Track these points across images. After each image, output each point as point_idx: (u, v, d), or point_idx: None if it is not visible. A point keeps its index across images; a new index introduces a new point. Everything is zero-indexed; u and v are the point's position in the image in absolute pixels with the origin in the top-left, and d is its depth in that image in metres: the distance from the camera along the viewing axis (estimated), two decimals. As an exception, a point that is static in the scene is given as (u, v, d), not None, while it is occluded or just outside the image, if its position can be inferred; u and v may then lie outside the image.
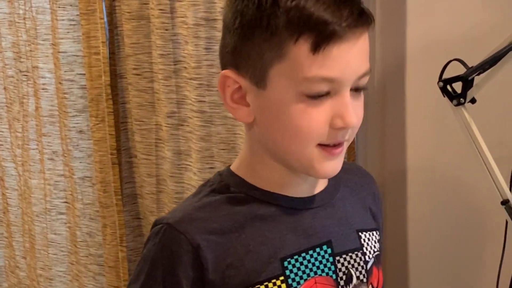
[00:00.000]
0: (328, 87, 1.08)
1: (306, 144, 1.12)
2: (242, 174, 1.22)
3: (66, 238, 2.80)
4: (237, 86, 1.15)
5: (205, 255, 1.14)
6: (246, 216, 1.18)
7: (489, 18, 2.04)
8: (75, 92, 2.58)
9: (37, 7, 2.60)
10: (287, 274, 1.16)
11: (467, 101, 1.69)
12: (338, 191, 1.28)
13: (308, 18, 1.05)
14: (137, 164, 2.60)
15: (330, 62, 1.06)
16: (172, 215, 1.20)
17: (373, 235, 1.31)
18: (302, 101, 1.09)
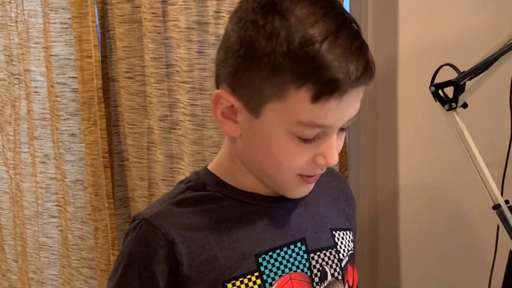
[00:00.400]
0: (319, 131, 1.10)
1: (284, 173, 1.16)
2: (219, 173, 1.25)
3: (57, 241, 2.80)
4: (230, 105, 1.15)
5: (180, 250, 1.16)
6: (221, 214, 1.20)
7: (481, 23, 2.05)
8: (67, 95, 2.58)
9: (29, 10, 2.59)
10: (262, 270, 1.18)
11: (458, 106, 1.69)
12: (312, 190, 1.30)
13: (314, 69, 1.05)
14: (129, 168, 2.59)
15: (325, 113, 1.08)
16: (149, 211, 1.22)
17: (346, 234, 1.34)
18: (291, 140, 1.11)
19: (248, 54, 1.09)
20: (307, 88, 1.06)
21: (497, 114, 1.92)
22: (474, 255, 2.17)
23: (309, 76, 1.05)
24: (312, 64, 1.05)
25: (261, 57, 1.07)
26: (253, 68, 1.09)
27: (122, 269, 1.21)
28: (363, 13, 2.27)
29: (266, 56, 1.07)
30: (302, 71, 1.05)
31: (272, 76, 1.07)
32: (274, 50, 1.06)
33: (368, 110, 2.31)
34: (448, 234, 2.23)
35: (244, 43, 1.10)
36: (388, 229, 2.37)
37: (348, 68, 1.05)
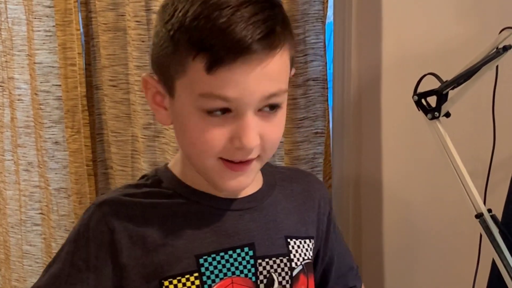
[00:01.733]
0: (225, 105, 1.09)
1: (204, 157, 1.14)
2: (176, 171, 1.26)
3: (41, 249, 2.79)
4: (156, 90, 1.19)
5: (120, 239, 1.17)
6: (169, 211, 1.21)
7: (464, 32, 2.06)
8: (51, 103, 2.57)
9: (13, 18, 2.59)
10: (202, 271, 1.18)
11: (441, 115, 1.69)
12: (270, 196, 1.30)
13: (203, 39, 1.06)
14: (113, 176, 2.59)
15: (224, 83, 1.07)
16: (100, 197, 1.25)
17: (305, 243, 1.32)
18: (199, 116, 1.11)
19: (158, 36, 1.14)
20: (201, 58, 1.07)
21: (480, 123, 1.93)
22: (456, 264, 2.17)
23: (201, 46, 1.07)
24: (202, 35, 1.06)
25: (165, 36, 1.11)
26: (161, 48, 1.13)
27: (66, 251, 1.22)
28: (347, 22, 2.28)
29: (167, 33, 1.11)
30: (194, 41, 1.07)
31: (173, 52, 1.10)
32: (173, 26, 1.10)
33: (352, 119, 2.32)
34: (431, 243, 2.23)
35: (157, 25, 1.16)
36: (371, 240, 2.37)
37: (236, 36, 1.05)
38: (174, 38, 1.09)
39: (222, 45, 1.06)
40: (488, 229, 1.67)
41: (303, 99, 2.19)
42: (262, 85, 1.10)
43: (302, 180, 1.40)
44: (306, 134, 2.22)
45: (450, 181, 1.69)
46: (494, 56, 1.60)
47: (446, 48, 2.07)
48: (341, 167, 2.39)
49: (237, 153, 1.13)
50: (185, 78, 1.10)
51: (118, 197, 1.22)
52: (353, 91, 2.29)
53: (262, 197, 1.29)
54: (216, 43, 1.06)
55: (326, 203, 1.42)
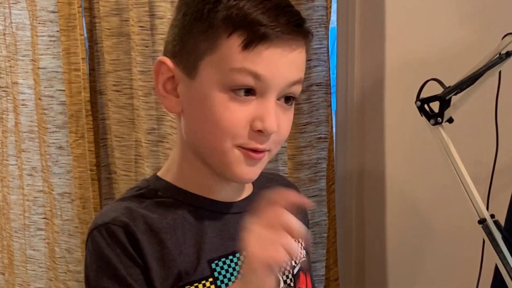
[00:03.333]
0: (254, 83, 1.11)
1: (224, 139, 1.13)
2: (170, 178, 1.24)
3: (44, 254, 2.79)
4: (170, 75, 1.18)
5: (143, 248, 1.13)
6: (176, 219, 1.19)
7: (466, 38, 2.06)
8: (55, 108, 2.58)
9: (17, 23, 2.59)
10: (216, 275, 1.18)
11: (444, 121, 1.70)
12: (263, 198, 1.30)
13: (244, 16, 1.09)
14: (116, 181, 2.59)
15: (258, 60, 1.09)
16: (105, 217, 1.18)
17: (298, 242, 1.31)
18: (226, 96, 1.11)
19: (186, 16, 1.14)
20: (237, 35, 1.09)
21: (483, 128, 1.93)
22: (460, 269, 2.17)
23: (238, 24, 1.09)
24: (242, 13, 1.09)
25: (195, 15, 1.12)
26: (189, 27, 1.14)
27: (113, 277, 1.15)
28: (350, 27, 2.28)
29: (200, 12, 1.12)
30: (232, 20, 1.09)
31: (205, 30, 1.11)
32: (208, 6, 1.11)
33: (355, 124, 2.32)
34: (434, 248, 2.23)
35: (182, 8, 1.16)
36: (375, 245, 2.37)
37: (278, 19, 1.10)
38: (209, 16, 1.11)
39: (262, 24, 1.09)
40: (491, 235, 1.67)
41: (306, 104, 2.19)
42: (290, 70, 1.13)
43: (282, 182, 1.42)
44: (309, 139, 2.22)
45: (453, 185, 1.69)
46: (496, 61, 1.61)
47: (448, 53, 2.08)
48: (345, 172, 2.39)
49: (256, 138, 1.14)
50: (214, 55, 1.11)
51: (125, 212, 1.17)
52: (356, 96, 2.30)
53: (257, 199, 1.30)
54: (256, 22, 1.09)
55: (304, 209, 1.42)
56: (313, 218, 2.27)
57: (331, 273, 2.35)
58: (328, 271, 2.35)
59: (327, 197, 2.29)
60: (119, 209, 1.19)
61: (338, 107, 2.38)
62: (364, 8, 2.26)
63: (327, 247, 2.33)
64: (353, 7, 2.27)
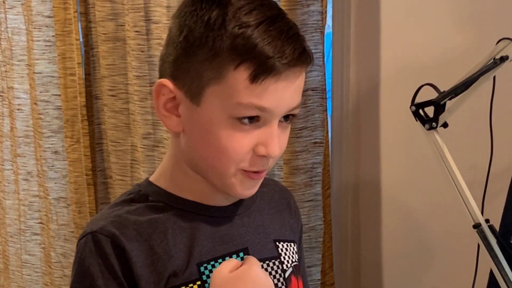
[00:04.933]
0: (259, 114, 1.12)
1: (229, 165, 1.16)
2: (161, 184, 1.25)
3: (40, 259, 2.79)
4: (172, 96, 1.17)
5: (131, 257, 1.15)
6: (166, 224, 1.20)
7: (462, 43, 2.06)
8: (51, 113, 2.57)
9: (13, 28, 2.59)
10: (204, 279, 1.19)
11: (439, 126, 1.70)
12: (254, 202, 1.32)
13: (252, 47, 1.09)
14: (112, 185, 2.59)
15: (265, 94, 1.10)
16: (94, 225, 1.19)
17: (290, 246, 1.35)
18: (231, 124, 1.13)
19: (188, 40, 1.13)
20: (244, 67, 1.09)
21: (477, 133, 1.93)
22: (455, 274, 2.17)
23: (246, 55, 1.09)
24: (249, 44, 1.09)
25: (199, 41, 1.11)
26: (192, 53, 1.12)
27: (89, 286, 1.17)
28: (346, 32, 2.29)
29: (204, 39, 1.11)
30: (239, 50, 1.09)
31: (211, 58, 1.10)
32: (213, 33, 1.10)
33: (351, 128, 2.32)
34: (429, 253, 2.24)
35: (183, 30, 1.14)
36: (370, 249, 2.38)
37: (284, 49, 1.10)
38: (215, 44, 1.10)
39: (269, 56, 1.09)
40: (485, 239, 1.67)
41: (302, 109, 2.19)
42: (293, 98, 1.15)
43: (275, 187, 1.44)
44: (305, 144, 2.23)
45: (449, 190, 1.69)
46: (491, 66, 1.61)
47: (444, 58, 2.08)
48: (340, 177, 2.39)
49: (259, 162, 1.16)
50: (221, 86, 1.11)
51: (115, 219, 1.19)
52: (352, 101, 2.30)
53: (248, 203, 1.31)
54: (264, 54, 1.09)
55: (298, 212, 1.46)
56: (309, 222, 2.27)
57: (327, 277, 2.35)
58: (324, 275, 2.35)
59: (323, 201, 2.29)
60: (108, 217, 1.20)
61: (333, 112, 2.38)
62: (359, 13, 2.26)
63: (323, 252, 2.33)
64: (348, 12, 2.27)
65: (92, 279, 1.16)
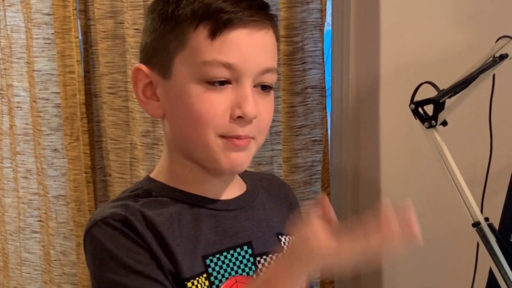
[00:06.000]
0: (227, 74, 1.14)
1: (206, 131, 1.15)
2: (162, 179, 1.25)
3: (39, 257, 2.79)
4: (148, 81, 1.20)
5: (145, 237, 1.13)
6: (173, 216, 1.19)
7: (461, 41, 2.06)
8: (50, 111, 2.58)
9: (12, 25, 2.59)
10: (210, 271, 1.18)
11: (438, 124, 1.69)
12: (257, 195, 1.32)
13: (206, 7, 1.13)
14: (111, 183, 2.59)
15: (227, 48, 1.13)
16: (101, 214, 1.17)
17: (291, 240, 1.33)
18: (200, 87, 1.14)
19: (153, 21, 1.19)
20: (203, 27, 1.13)
21: (477, 131, 1.93)
22: (454, 273, 2.17)
23: (202, 15, 1.13)
24: (204, 5, 1.13)
25: (162, 17, 1.17)
26: (157, 30, 1.18)
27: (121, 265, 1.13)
28: (345, 30, 2.28)
29: (165, 14, 1.16)
30: (196, 12, 1.13)
31: (173, 28, 1.15)
32: (172, 5, 1.16)
33: (350, 126, 2.32)
34: (428, 251, 2.23)
35: (149, 15, 1.21)
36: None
37: (239, 4, 1.14)
38: (174, 14, 1.15)
39: (224, 11, 1.13)
40: (485, 238, 1.67)
41: (301, 107, 2.19)
42: (260, 56, 1.17)
43: (275, 181, 1.44)
44: (304, 142, 2.22)
45: (448, 188, 1.69)
46: (491, 64, 1.61)
47: (443, 56, 2.08)
48: (340, 175, 2.39)
49: (237, 126, 1.16)
50: (185, 51, 1.14)
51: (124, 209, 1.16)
52: (351, 99, 2.30)
53: (251, 197, 1.31)
54: (219, 10, 1.13)
55: (297, 206, 1.46)
56: (308, 221, 2.27)
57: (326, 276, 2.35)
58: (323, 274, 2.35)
59: (322, 199, 2.28)
60: (115, 206, 1.19)
61: (333, 110, 2.37)
62: (359, 11, 2.25)
63: (322, 250, 2.32)
64: (348, 9, 2.26)
65: (119, 260, 1.13)
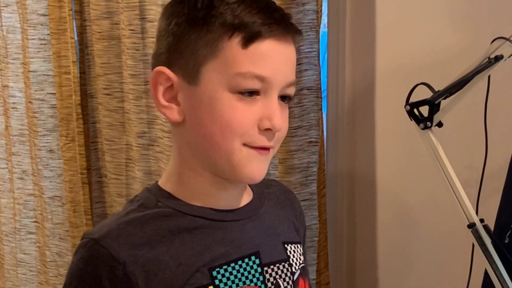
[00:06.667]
0: (259, 86, 1.14)
1: (234, 139, 1.16)
2: (170, 188, 1.24)
3: (35, 258, 2.78)
4: (170, 85, 1.18)
5: (133, 270, 1.14)
6: (174, 230, 1.19)
7: (457, 42, 2.06)
8: (45, 111, 2.57)
9: (8, 26, 2.59)
10: (217, 283, 1.17)
11: (433, 125, 1.69)
12: (263, 204, 1.32)
13: (241, 17, 1.13)
14: (107, 184, 2.59)
15: (260, 60, 1.13)
16: (98, 230, 1.19)
17: (297, 247, 1.34)
18: (230, 97, 1.14)
19: (179, 24, 1.17)
20: (236, 35, 1.13)
21: (472, 133, 1.93)
22: (449, 274, 2.17)
23: (237, 25, 1.13)
24: (239, 16, 1.13)
25: (190, 22, 1.15)
26: (184, 35, 1.16)
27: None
28: (341, 31, 2.28)
29: (195, 18, 1.15)
30: (230, 23, 1.13)
31: (204, 35, 1.14)
32: (202, 12, 1.15)
33: (346, 128, 2.32)
34: (424, 252, 2.23)
35: (172, 19, 1.18)
36: (366, 249, 2.37)
37: (271, 16, 1.15)
38: (206, 21, 1.14)
39: (259, 21, 1.13)
40: (480, 239, 1.67)
41: (297, 108, 2.19)
42: (288, 68, 1.18)
43: (280, 188, 1.44)
44: (300, 143, 2.22)
45: (443, 189, 1.69)
46: (486, 66, 1.61)
47: (439, 58, 2.08)
48: (335, 176, 2.39)
49: (264, 137, 1.17)
50: (218, 59, 1.14)
51: (120, 227, 1.18)
52: (347, 100, 2.30)
53: (257, 205, 1.31)
54: (254, 20, 1.13)
55: (302, 212, 1.46)
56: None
57: (322, 277, 2.35)
58: (319, 275, 2.35)
59: (318, 201, 2.28)
60: (114, 224, 1.19)
61: (329, 111, 2.38)
62: (355, 12, 2.26)
63: (318, 251, 2.32)
64: (344, 11, 2.26)
65: (77, 283, 1.17)
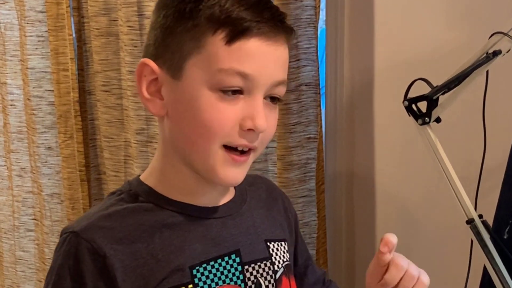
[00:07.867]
0: (242, 83, 1.11)
1: (212, 141, 1.13)
2: (151, 183, 1.23)
3: (34, 255, 2.78)
4: (154, 78, 1.17)
5: (113, 264, 1.12)
6: (154, 226, 1.17)
7: (455, 38, 2.06)
8: (44, 109, 2.57)
9: (5, 23, 2.58)
10: (196, 282, 1.16)
11: (432, 120, 1.69)
12: (245, 202, 1.30)
13: (228, 13, 1.10)
14: (106, 181, 2.58)
15: (244, 57, 1.10)
16: (77, 224, 1.17)
17: (281, 245, 1.33)
18: (212, 95, 1.11)
19: (166, 17, 1.15)
20: (221, 31, 1.10)
21: (470, 128, 1.92)
22: (448, 270, 2.17)
23: (223, 21, 1.10)
24: (226, 11, 1.10)
25: (177, 15, 1.13)
26: (171, 28, 1.14)
27: (52, 285, 1.16)
28: (339, 27, 2.28)
29: (182, 12, 1.13)
30: (216, 17, 1.10)
31: (190, 29, 1.12)
32: (189, 5, 1.12)
33: (344, 124, 2.32)
34: (423, 248, 2.23)
35: (161, 11, 1.16)
36: (365, 245, 2.37)
37: (262, 14, 1.11)
38: (192, 15, 1.11)
39: (247, 18, 1.10)
40: (479, 235, 1.67)
41: (295, 104, 2.19)
42: (276, 68, 1.14)
43: (265, 185, 1.42)
44: (298, 139, 2.22)
45: (442, 185, 1.69)
46: (484, 61, 1.60)
47: (438, 54, 2.07)
48: (334, 172, 2.38)
49: (244, 137, 1.14)
50: (201, 54, 1.11)
51: (100, 220, 1.16)
52: (346, 96, 2.29)
53: (239, 203, 1.29)
54: (240, 17, 1.10)
55: (289, 204, 1.44)
56: (303, 218, 2.27)
57: (321, 273, 2.35)
58: (318, 271, 2.35)
59: (317, 197, 2.28)
60: (94, 218, 1.18)
61: (327, 107, 2.37)
62: (353, 8, 2.25)
63: (317, 248, 2.32)
64: (342, 7, 2.26)
65: (58, 279, 1.15)
